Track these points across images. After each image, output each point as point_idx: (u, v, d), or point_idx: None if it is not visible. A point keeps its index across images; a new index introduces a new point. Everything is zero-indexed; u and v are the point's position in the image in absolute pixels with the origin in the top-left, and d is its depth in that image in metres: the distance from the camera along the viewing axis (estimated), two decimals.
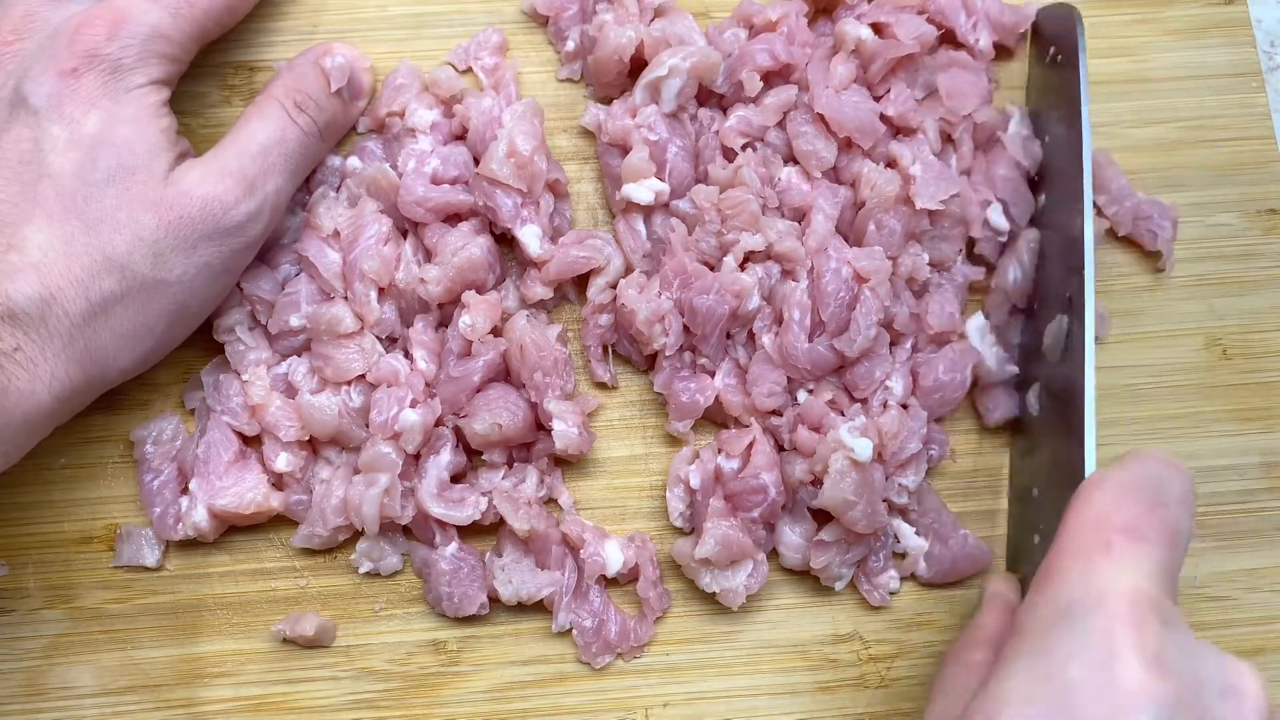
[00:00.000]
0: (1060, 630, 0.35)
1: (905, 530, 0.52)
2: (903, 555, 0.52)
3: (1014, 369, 0.53)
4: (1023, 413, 0.53)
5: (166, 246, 0.47)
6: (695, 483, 0.51)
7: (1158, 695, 0.33)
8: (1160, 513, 0.37)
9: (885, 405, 0.51)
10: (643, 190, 0.53)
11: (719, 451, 0.51)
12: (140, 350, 0.48)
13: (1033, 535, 0.50)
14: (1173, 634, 0.35)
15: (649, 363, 0.54)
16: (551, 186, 0.54)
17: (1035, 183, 0.55)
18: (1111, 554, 0.36)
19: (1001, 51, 0.57)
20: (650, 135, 0.53)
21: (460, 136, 0.55)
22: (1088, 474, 0.44)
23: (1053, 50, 0.55)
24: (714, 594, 0.50)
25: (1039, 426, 0.52)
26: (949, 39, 0.56)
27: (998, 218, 0.54)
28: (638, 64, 0.55)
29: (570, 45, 0.56)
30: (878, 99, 0.54)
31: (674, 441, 0.54)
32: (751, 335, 0.52)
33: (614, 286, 0.53)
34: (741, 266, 0.52)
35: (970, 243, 0.55)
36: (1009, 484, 0.54)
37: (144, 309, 0.47)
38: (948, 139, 0.55)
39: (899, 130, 0.54)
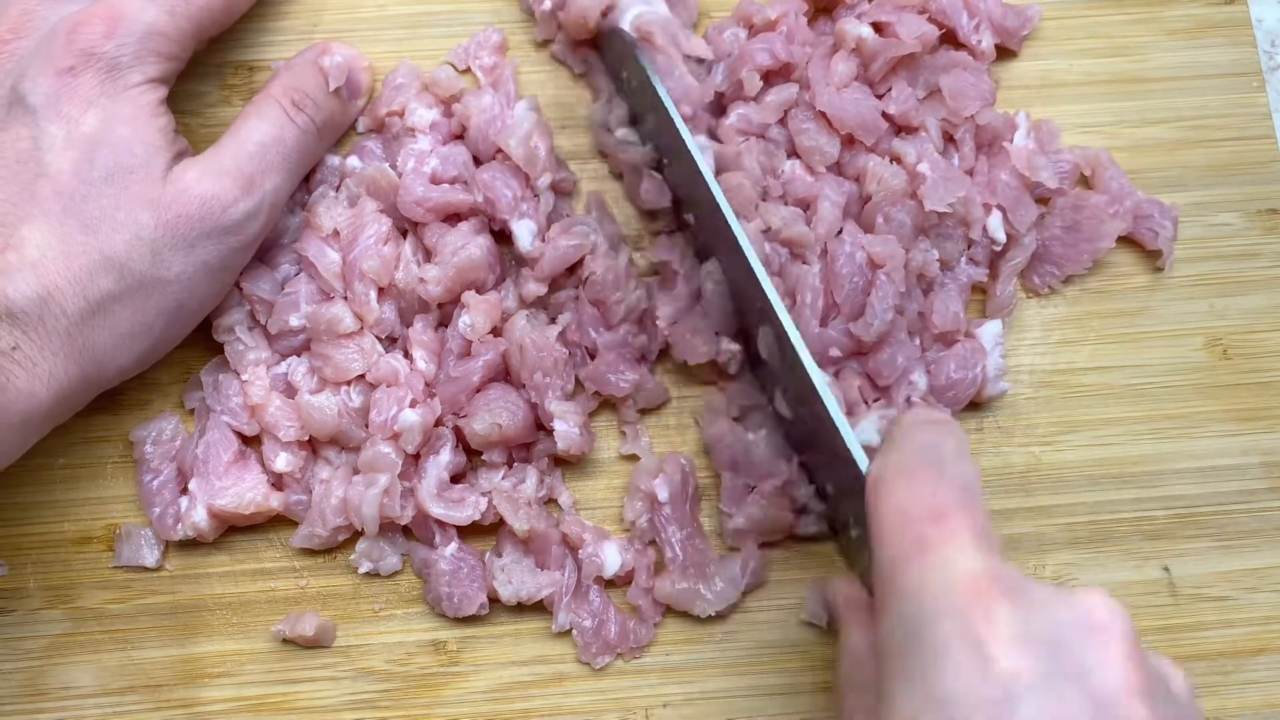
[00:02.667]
0: (920, 648, 0.34)
1: None
2: None
3: (1006, 387, 0.54)
4: (780, 419, 0.52)
5: (164, 245, 0.47)
6: (664, 495, 0.51)
7: (1028, 675, 0.33)
8: (947, 479, 0.37)
9: (910, 400, 0.51)
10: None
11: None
12: (138, 349, 0.48)
13: (850, 530, 0.48)
14: (1019, 602, 0.34)
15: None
16: (556, 187, 0.54)
17: (679, 205, 0.54)
18: (927, 550, 0.35)
19: (1003, 54, 0.57)
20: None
21: (459, 136, 0.55)
22: (862, 468, 0.43)
23: (625, 75, 0.54)
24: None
25: (798, 429, 0.50)
26: (950, 40, 0.56)
27: (996, 227, 0.54)
28: None
29: (546, 5, 0.56)
30: (879, 98, 0.54)
31: (674, 442, 0.54)
32: None
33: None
34: None
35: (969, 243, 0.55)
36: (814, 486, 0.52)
37: (142, 308, 0.47)
38: (949, 139, 0.55)
39: (900, 129, 0.54)
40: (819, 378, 0.45)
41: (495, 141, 0.53)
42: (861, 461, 0.43)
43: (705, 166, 0.49)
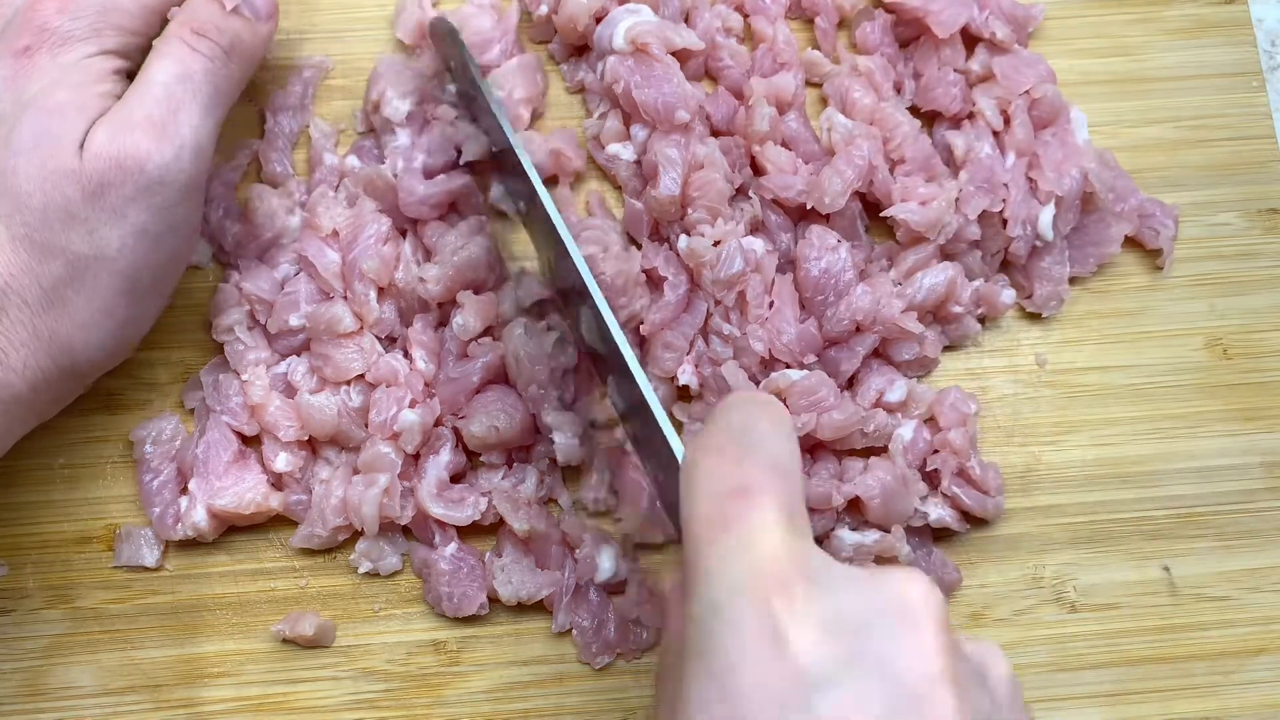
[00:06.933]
0: (714, 634, 0.32)
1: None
2: None
3: None
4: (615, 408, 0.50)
5: (96, 220, 0.44)
6: None
7: (826, 665, 0.30)
8: (754, 456, 0.35)
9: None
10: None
11: None
12: (104, 334, 0.46)
13: (677, 519, 0.46)
14: (822, 585, 0.32)
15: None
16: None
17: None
18: (729, 528, 0.33)
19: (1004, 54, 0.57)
20: (617, 88, 0.53)
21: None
22: (677, 453, 0.40)
23: (451, 63, 0.54)
24: None
25: (628, 418, 0.48)
26: (965, 35, 0.56)
27: (1047, 224, 0.53)
28: None
29: (542, 9, 0.56)
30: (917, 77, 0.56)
31: None
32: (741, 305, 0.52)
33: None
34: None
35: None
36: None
37: (95, 291, 0.45)
38: (1001, 127, 0.55)
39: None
40: (632, 359, 0.43)
41: None
42: (675, 444, 0.41)
43: (529, 164, 0.48)
